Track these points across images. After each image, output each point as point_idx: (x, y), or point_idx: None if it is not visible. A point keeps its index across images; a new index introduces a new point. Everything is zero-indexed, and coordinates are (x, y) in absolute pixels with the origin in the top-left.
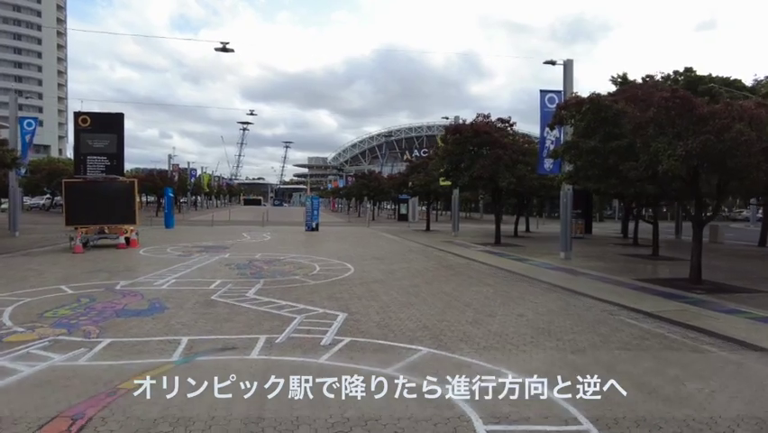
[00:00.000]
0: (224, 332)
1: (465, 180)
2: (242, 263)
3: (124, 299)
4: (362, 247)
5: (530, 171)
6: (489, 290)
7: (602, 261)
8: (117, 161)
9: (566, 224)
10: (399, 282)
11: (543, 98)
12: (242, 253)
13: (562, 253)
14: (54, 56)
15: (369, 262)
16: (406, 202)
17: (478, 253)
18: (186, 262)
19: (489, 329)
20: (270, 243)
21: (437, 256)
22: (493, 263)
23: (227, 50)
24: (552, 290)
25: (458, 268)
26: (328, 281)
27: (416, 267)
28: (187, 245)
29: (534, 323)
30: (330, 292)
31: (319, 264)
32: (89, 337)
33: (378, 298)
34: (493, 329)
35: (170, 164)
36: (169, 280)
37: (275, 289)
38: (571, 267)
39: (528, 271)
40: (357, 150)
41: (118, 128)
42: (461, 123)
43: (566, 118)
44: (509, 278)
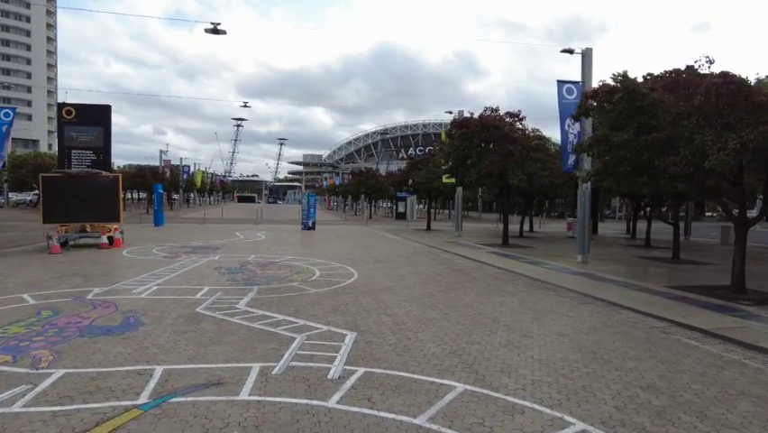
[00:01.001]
0: (208, 359)
1: (472, 178)
2: (233, 267)
3: (94, 312)
4: (363, 248)
5: (540, 168)
6: (514, 300)
7: (622, 264)
8: (104, 156)
9: (584, 225)
10: (411, 291)
11: (560, 89)
12: (233, 254)
13: (580, 256)
14: (44, 48)
15: (373, 266)
16: (404, 200)
17: (487, 255)
18: (171, 265)
19: (530, 355)
20: (264, 243)
21: (445, 259)
22: (507, 267)
23: (218, 32)
24: (583, 301)
25: (471, 273)
26: (330, 289)
27: (426, 272)
28: (175, 246)
29: (581, 345)
30: (333, 304)
31: (319, 268)
32: (37, 368)
33: (390, 311)
34: (535, 355)
35: (162, 160)
36: (150, 288)
37: (270, 299)
38: (592, 272)
39: (548, 276)
40: (352, 147)
41: (105, 121)
42: (468, 116)
43: (593, 109)
44: (531, 285)
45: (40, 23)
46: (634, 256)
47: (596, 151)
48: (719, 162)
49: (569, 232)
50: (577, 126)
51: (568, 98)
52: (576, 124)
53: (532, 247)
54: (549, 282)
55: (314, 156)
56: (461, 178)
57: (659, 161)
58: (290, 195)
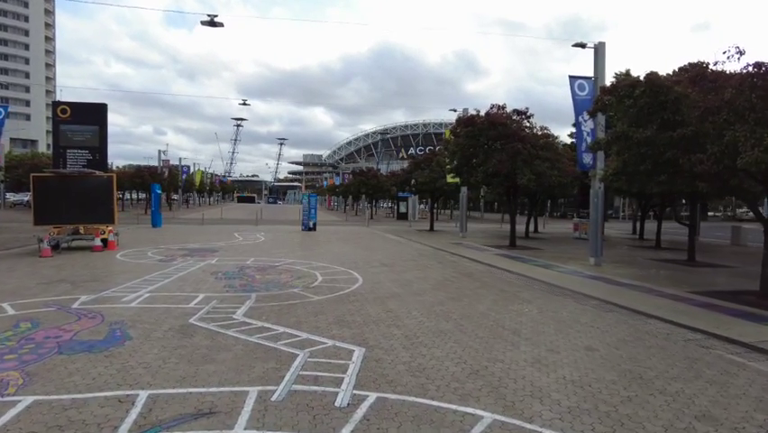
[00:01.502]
0: (199, 381)
1: (479, 177)
2: (230, 272)
3: (77, 324)
4: (366, 250)
5: (549, 167)
6: (532, 309)
7: (636, 267)
8: (100, 155)
9: (597, 227)
10: (420, 298)
11: (572, 85)
12: (231, 257)
13: (592, 259)
14: (42, 48)
15: (377, 270)
16: (405, 200)
17: (495, 257)
18: (166, 269)
19: (561, 375)
20: (264, 245)
21: (452, 262)
22: (518, 271)
23: (215, 25)
24: (605, 309)
25: (482, 277)
26: (334, 297)
27: (434, 276)
28: (172, 248)
29: (614, 362)
30: (338, 313)
31: (320, 273)
32: (2, 394)
33: (400, 322)
34: (567, 375)
35: (161, 160)
36: (141, 295)
37: (269, 307)
38: (607, 276)
39: (563, 280)
40: (352, 147)
41: (101, 119)
42: (474, 114)
43: (611, 104)
44: (546, 291)
45: (38, 22)
46: (646, 258)
47: (614, 149)
48: (753, 160)
49: (575, 233)
50: (591, 123)
51: (580, 94)
52: (590, 121)
53: (540, 249)
54: (565, 288)
55: (314, 156)
56: (467, 177)
57: (684, 159)
58: (290, 195)
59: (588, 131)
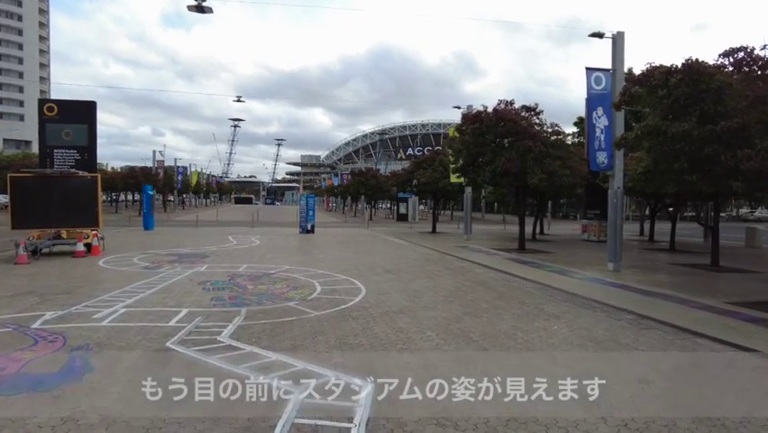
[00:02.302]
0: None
1: (486, 177)
2: (220, 281)
3: (32, 350)
4: (368, 255)
5: (560, 166)
6: (562, 326)
7: (659, 273)
8: (89, 155)
9: (617, 230)
10: (433, 314)
11: (589, 78)
12: (223, 263)
13: (611, 265)
14: (36, 48)
15: (382, 278)
16: (405, 201)
17: (507, 262)
18: (150, 278)
19: (620, 420)
20: (259, 249)
21: (462, 268)
22: (535, 278)
23: (203, 10)
24: (643, 325)
25: (498, 287)
26: (335, 312)
27: (445, 286)
28: (160, 253)
29: (680, 400)
30: (341, 334)
31: (319, 282)
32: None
33: (413, 345)
34: (629, 421)
35: (155, 160)
36: (116, 311)
37: (261, 327)
38: (631, 283)
39: (586, 290)
40: (350, 148)
41: (89, 118)
42: (481, 110)
43: (640, 96)
44: (571, 302)
45: (32, 21)
46: (666, 263)
47: (645, 145)
48: None
49: (583, 234)
50: (604, 120)
51: (596, 88)
52: (603, 117)
53: (551, 253)
54: (590, 298)
55: (312, 157)
56: (474, 177)
57: (727, 156)
58: (288, 196)
59: (602, 128)
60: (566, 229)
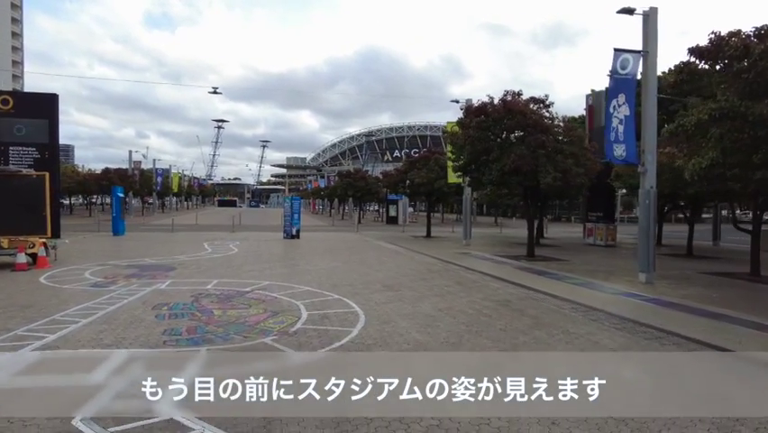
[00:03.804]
0: None
1: (493, 176)
2: (180, 304)
3: None
4: (361, 265)
5: (574, 164)
6: (636, 370)
7: (697, 285)
8: (50, 154)
9: (649, 237)
10: (461, 355)
11: (615, 61)
12: (190, 278)
13: (643, 276)
14: (8, 44)
15: (382, 297)
16: (395, 203)
17: (522, 273)
18: (95, 299)
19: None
20: (236, 258)
21: (473, 282)
22: (564, 295)
23: None
24: (743, 366)
25: (525, 308)
26: (326, 355)
27: (461, 308)
28: (120, 265)
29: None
30: (336, 401)
31: (305, 304)
32: None
33: (452, 422)
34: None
35: (131, 161)
36: (22, 355)
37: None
38: (675, 299)
39: (629, 310)
40: (337, 150)
41: (50, 112)
42: (487, 101)
43: (704, 74)
44: (627, 330)
45: (4, 17)
46: (696, 272)
47: (715, 133)
48: None
49: (588, 238)
50: (625, 109)
51: (621, 73)
52: (624, 106)
53: (563, 260)
54: (645, 324)
55: (297, 159)
56: (478, 176)
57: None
58: (273, 198)
59: (621, 118)
60: (562, 232)
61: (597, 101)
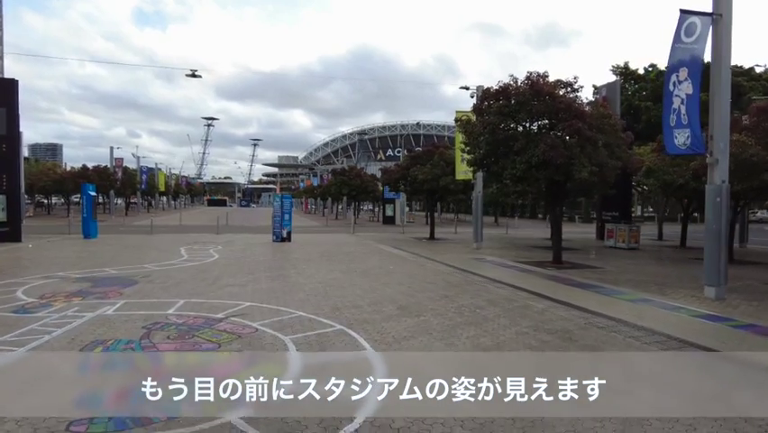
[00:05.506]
0: None
1: (519, 170)
2: (122, 342)
3: None
4: (365, 276)
5: (609, 156)
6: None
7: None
8: (8, 146)
9: (721, 242)
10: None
11: (680, 26)
12: (149, 297)
13: (713, 290)
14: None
15: (399, 327)
16: (393, 202)
17: (560, 287)
18: (10, 333)
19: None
20: (215, 267)
21: (508, 300)
22: (630, 319)
23: None
24: None
25: (598, 343)
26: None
27: (514, 346)
28: (69, 277)
29: None
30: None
31: (296, 341)
32: None
33: None
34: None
35: (113, 159)
36: None
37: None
38: (760, 321)
39: (721, 340)
40: (329, 149)
41: (8, 99)
42: (509, 83)
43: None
44: (755, 381)
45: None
46: (758, 282)
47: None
48: None
49: (608, 240)
50: (687, 86)
51: (685, 41)
52: (686, 82)
53: (596, 267)
54: (753, 364)
55: (289, 158)
56: (499, 170)
57: None
58: (265, 197)
59: (683, 97)
60: (569, 233)
61: (611, 91)
